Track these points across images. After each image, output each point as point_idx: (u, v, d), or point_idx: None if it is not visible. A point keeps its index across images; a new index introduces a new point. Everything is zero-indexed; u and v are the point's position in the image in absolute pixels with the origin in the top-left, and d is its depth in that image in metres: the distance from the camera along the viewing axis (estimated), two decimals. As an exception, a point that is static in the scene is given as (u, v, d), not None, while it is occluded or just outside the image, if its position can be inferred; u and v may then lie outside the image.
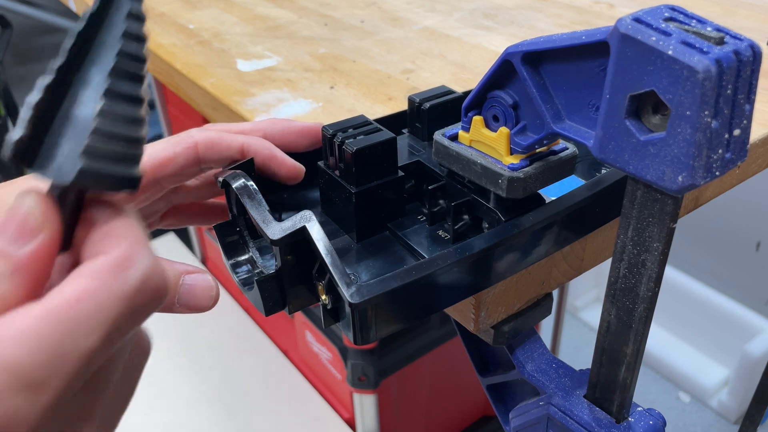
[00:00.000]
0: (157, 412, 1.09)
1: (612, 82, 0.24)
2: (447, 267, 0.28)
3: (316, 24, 0.70)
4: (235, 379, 1.14)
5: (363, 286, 0.27)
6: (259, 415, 1.07)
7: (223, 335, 1.23)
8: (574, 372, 0.37)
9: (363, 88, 0.55)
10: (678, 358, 1.65)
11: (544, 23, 0.67)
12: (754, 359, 1.45)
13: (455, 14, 0.72)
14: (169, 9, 0.77)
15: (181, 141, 0.34)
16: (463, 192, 0.34)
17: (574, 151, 0.33)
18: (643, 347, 0.30)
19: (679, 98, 0.22)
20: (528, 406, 0.38)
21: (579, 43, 0.26)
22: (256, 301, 0.32)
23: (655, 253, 0.27)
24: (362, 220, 0.34)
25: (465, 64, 0.59)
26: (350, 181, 0.33)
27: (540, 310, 0.39)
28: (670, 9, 0.24)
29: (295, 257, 0.30)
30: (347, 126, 0.34)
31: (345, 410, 1.06)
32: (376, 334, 0.28)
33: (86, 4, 0.82)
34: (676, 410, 1.60)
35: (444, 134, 0.34)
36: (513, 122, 0.31)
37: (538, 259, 0.33)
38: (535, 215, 0.31)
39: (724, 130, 0.22)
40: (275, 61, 0.61)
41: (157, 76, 0.67)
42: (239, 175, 0.33)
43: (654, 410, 0.34)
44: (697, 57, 0.21)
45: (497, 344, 0.38)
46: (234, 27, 0.70)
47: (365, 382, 0.96)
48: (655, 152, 0.23)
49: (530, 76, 0.29)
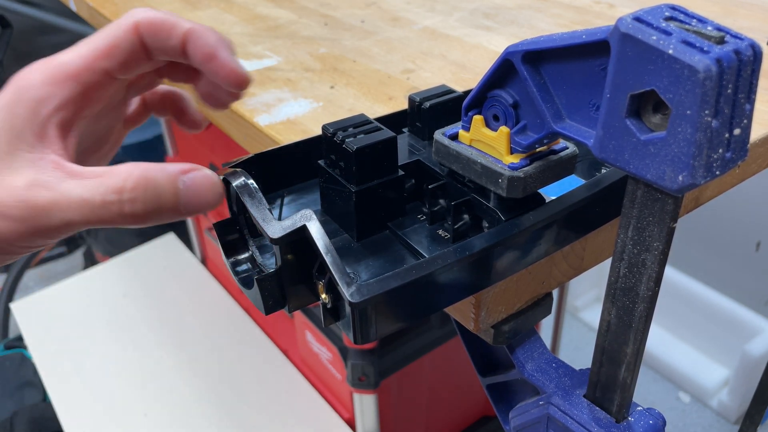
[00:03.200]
0: (157, 412, 1.09)
1: (612, 82, 0.24)
2: (447, 266, 0.28)
3: (316, 24, 0.70)
4: (235, 379, 1.14)
5: (363, 286, 0.27)
6: (259, 415, 1.07)
7: (223, 335, 1.23)
8: (574, 372, 0.37)
9: (363, 87, 0.55)
10: (678, 358, 1.65)
11: (544, 23, 0.67)
12: (754, 359, 1.45)
13: (455, 14, 0.72)
14: (169, 9, 0.77)
15: (120, 24, 0.31)
16: (463, 191, 0.34)
17: (574, 150, 0.33)
18: (643, 347, 0.30)
19: (680, 97, 0.22)
20: (528, 406, 0.38)
21: (579, 43, 0.26)
22: (256, 299, 0.32)
23: (656, 252, 0.27)
24: (362, 219, 0.34)
25: (465, 64, 0.59)
26: (350, 180, 0.33)
27: (540, 310, 0.39)
28: (670, 8, 0.24)
29: (295, 256, 0.30)
30: (347, 125, 0.34)
31: (345, 410, 1.06)
32: (376, 334, 0.28)
33: (86, 4, 0.82)
34: (676, 410, 1.60)
35: (444, 133, 0.34)
36: (513, 121, 0.31)
37: (538, 258, 0.33)
38: (535, 215, 0.31)
39: (724, 129, 0.22)
40: (275, 61, 0.61)
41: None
42: (239, 173, 0.33)
43: (654, 410, 0.34)
44: (697, 56, 0.21)
45: (497, 344, 0.38)
46: (234, 27, 0.70)
47: (365, 382, 0.96)
48: (655, 152, 0.23)
49: (530, 75, 0.29)
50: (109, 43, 0.30)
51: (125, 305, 1.32)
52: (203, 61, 0.31)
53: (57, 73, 0.29)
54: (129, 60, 0.31)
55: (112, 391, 1.13)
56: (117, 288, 1.36)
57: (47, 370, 1.18)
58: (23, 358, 1.33)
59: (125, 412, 1.09)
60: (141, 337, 1.24)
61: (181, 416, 1.08)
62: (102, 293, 1.35)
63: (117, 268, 1.42)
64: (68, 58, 0.30)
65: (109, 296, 1.34)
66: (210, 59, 0.31)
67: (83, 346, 1.23)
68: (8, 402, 1.25)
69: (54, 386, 1.15)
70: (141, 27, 0.30)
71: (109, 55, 0.30)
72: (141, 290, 1.35)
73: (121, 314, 1.29)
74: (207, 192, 0.29)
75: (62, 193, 0.27)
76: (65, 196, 0.27)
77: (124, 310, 1.30)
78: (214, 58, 0.31)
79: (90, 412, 1.09)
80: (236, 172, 0.33)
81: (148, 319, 1.27)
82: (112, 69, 0.31)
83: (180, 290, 1.35)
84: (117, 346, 1.22)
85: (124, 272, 1.41)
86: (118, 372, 1.17)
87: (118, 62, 0.31)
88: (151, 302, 1.32)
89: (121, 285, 1.37)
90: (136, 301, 1.32)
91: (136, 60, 0.31)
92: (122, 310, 1.30)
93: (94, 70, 0.30)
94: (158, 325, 1.26)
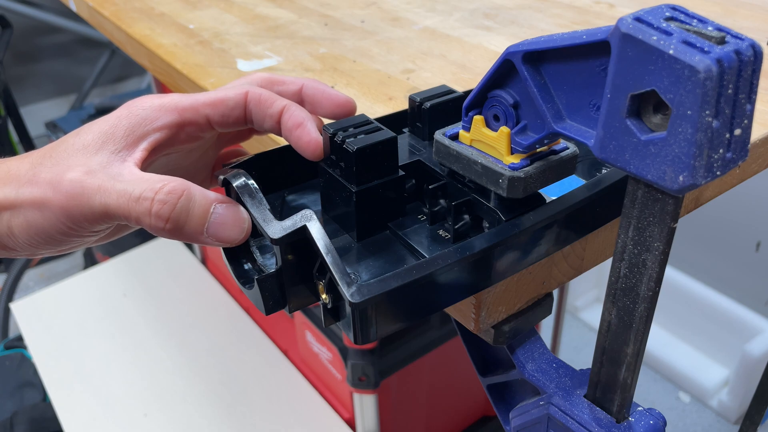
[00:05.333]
0: (157, 412, 1.09)
1: (613, 82, 0.24)
2: (447, 266, 0.28)
3: (316, 24, 0.70)
4: (235, 379, 1.14)
5: (363, 286, 0.27)
6: (259, 414, 1.07)
7: (223, 335, 1.23)
8: (574, 372, 0.37)
9: (363, 87, 0.55)
10: (678, 358, 1.65)
11: (544, 23, 0.67)
12: (754, 359, 1.45)
13: (455, 14, 0.72)
14: (169, 9, 0.77)
15: (235, 86, 0.36)
16: (463, 191, 0.34)
17: (574, 150, 0.33)
18: (643, 347, 0.30)
19: (680, 98, 0.22)
20: (528, 406, 0.38)
21: (580, 43, 0.26)
22: (256, 300, 0.32)
23: (656, 252, 0.27)
24: (363, 219, 0.34)
25: (465, 64, 0.59)
26: (351, 180, 0.33)
27: (540, 310, 0.39)
28: (671, 8, 0.24)
29: (295, 256, 0.30)
30: (348, 125, 0.34)
31: (345, 410, 1.06)
32: (377, 334, 0.28)
33: (86, 4, 0.82)
34: (676, 410, 1.60)
35: (444, 134, 0.34)
36: (514, 122, 0.31)
37: (538, 258, 0.33)
38: (535, 215, 0.31)
39: (725, 129, 0.22)
40: (275, 61, 0.61)
41: (157, 76, 0.67)
42: (240, 174, 0.33)
43: (654, 410, 0.34)
44: (698, 56, 0.21)
45: (497, 344, 0.38)
46: (234, 27, 0.70)
47: (365, 382, 0.96)
48: (656, 152, 0.23)
49: (531, 75, 0.29)
50: (219, 97, 0.35)
51: (125, 305, 1.32)
52: (292, 128, 0.35)
53: (167, 102, 0.34)
54: (229, 116, 0.35)
55: (112, 391, 1.13)
56: (117, 288, 1.36)
57: (47, 370, 1.18)
58: (23, 358, 1.33)
59: (125, 412, 1.09)
60: (141, 337, 1.23)
61: (181, 416, 1.08)
62: (102, 293, 1.35)
63: (117, 268, 1.42)
64: (181, 97, 0.35)
65: (109, 296, 1.34)
66: (297, 127, 0.35)
67: (83, 346, 1.23)
68: (8, 402, 1.25)
69: (54, 386, 1.15)
70: (250, 95, 0.35)
71: (214, 106, 0.34)
72: (141, 290, 1.35)
73: (121, 314, 1.29)
74: (234, 226, 0.32)
75: (111, 182, 0.31)
76: (112, 184, 0.31)
77: (124, 310, 1.30)
78: (299, 128, 0.35)
79: (90, 412, 1.09)
80: (237, 173, 0.33)
81: (148, 319, 1.27)
82: (213, 118, 0.35)
83: (180, 290, 1.35)
84: (117, 346, 1.22)
85: (124, 272, 1.41)
86: (117, 372, 1.17)
87: (219, 114, 0.35)
88: (151, 302, 1.32)
89: (121, 285, 1.37)
90: (136, 301, 1.32)
91: (235, 118, 0.35)
92: (122, 310, 1.30)
93: (198, 112, 0.34)
94: (158, 325, 1.26)
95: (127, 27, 0.71)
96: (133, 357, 1.19)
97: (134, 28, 0.71)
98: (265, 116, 0.35)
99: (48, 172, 0.32)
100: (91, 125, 0.33)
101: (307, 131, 0.34)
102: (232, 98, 0.35)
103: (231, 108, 0.35)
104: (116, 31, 0.74)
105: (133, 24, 0.72)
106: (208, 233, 0.31)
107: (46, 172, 0.32)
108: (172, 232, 0.31)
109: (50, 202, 0.31)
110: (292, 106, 0.35)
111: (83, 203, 0.31)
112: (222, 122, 0.35)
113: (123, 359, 1.19)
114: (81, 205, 0.31)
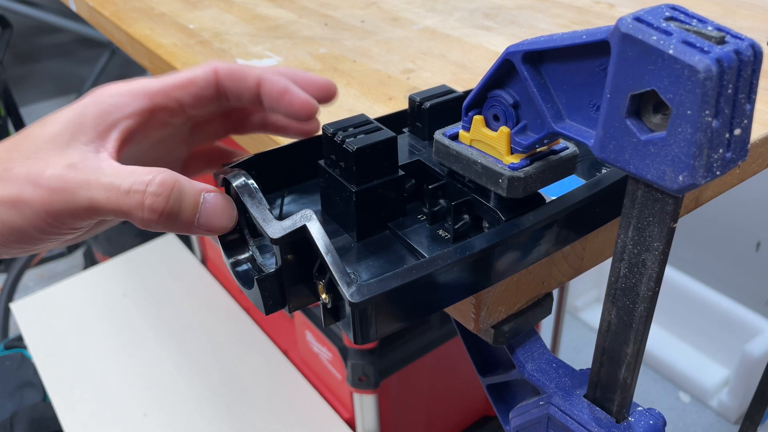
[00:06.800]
0: (157, 412, 1.09)
1: (613, 82, 0.24)
2: (447, 266, 0.28)
3: (316, 24, 0.70)
4: (235, 379, 1.14)
5: (363, 286, 0.27)
6: (259, 414, 1.07)
7: (223, 335, 1.23)
8: (574, 372, 0.37)
9: (363, 87, 0.55)
10: (678, 358, 1.65)
11: (544, 23, 0.67)
12: (754, 359, 1.45)
13: (455, 14, 0.72)
14: (169, 9, 0.77)
15: (202, 66, 0.35)
16: (463, 191, 0.34)
17: (574, 150, 0.33)
18: (643, 347, 0.30)
19: (680, 98, 0.22)
20: (528, 406, 0.38)
21: (580, 43, 0.26)
22: (256, 299, 0.32)
23: (656, 252, 0.27)
24: (362, 219, 0.34)
25: (465, 64, 0.59)
26: (350, 180, 0.33)
27: (540, 310, 0.39)
28: (670, 8, 0.24)
29: (295, 256, 0.30)
30: (348, 125, 0.34)
31: (345, 410, 1.06)
32: (377, 334, 0.28)
33: (86, 4, 0.82)
34: (676, 410, 1.60)
35: (444, 133, 0.34)
36: (513, 122, 0.31)
37: (538, 258, 0.33)
38: (535, 215, 0.31)
39: (724, 129, 0.22)
40: (275, 61, 0.61)
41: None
42: (240, 173, 0.33)
43: (654, 410, 0.34)
44: (698, 56, 0.21)
45: (497, 344, 0.38)
46: (234, 27, 0.70)
47: (365, 382, 0.96)
48: (655, 152, 0.23)
49: (531, 75, 0.29)
50: (187, 77, 0.34)
51: (125, 305, 1.32)
52: (277, 96, 0.34)
53: (135, 88, 0.33)
54: (201, 96, 0.34)
55: (112, 391, 1.13)
56: (117, 288, 1.36)
57: (47, 370, 1.18)
58: (23, 358, 1.33)
59: (125, 412, 1.09)
60: (141, 337, 1.23)
61: (181, 416, 1.08)
62: (102, 293, 1.35)
63: (117, 268, 1.42)
64: (149, 81, 0.33)
65: (109, 296, 1.34)
66: (283, 94, 0.34)
67: (83, 346, 1.23)
68: (8, 402, 1.25)
69: (54, 386, 1.15)
70: (220, 71, 0.34)
71: (185, 88, 0.34)
72: (141, 290, 1.35)
73: (121, 314, 1.29)
74: (224, 214, 0.31)
75: (95, 175, 0.30)
76: (97, 178, 0.30)
77: (124, 310, 1.30)
78: (286, 93, 0.34)
79: (90, 412, 1.09)
80: (236, 172, 0.33)
81: (148, 319, 1.27)
82: (185, 100, 0.34)
83: (180, 290, 1.35)
84: (117, 346, 1.22)
85: (124, 272, 1.41)
86: (117, 372, 1.17)
87: (191, 95, 0.34)
88: (151, 302, 1.32)
89: (121, 285, 1.37)
90: (136, 301, 1.32)
91: (207, 98, 0.34)
92: (122, 310, 1.30)
93: (169, 95, 0.33)
94: (158, 325, 1.26)
95: (127, 27, 0.71)
96: (133, 357, 1.19)
97: (134, 28, 0.71)
98: (242, 90, 0.34)
99: (21, 167, 0.30)
100: (55, 114, 0.32)
101: (296, 95, 0.34)
102: (201, 77, 0.34)
103: (202, 88, 0.34)
104: (116, 31, 0.74)
105: (133, 24, 0.72)
106: (199, 223, 0.30)
107: (20, 168, 0.30)
108: (164, 224, 0.30)
109: (29, 199, 0.30)
110: (269, 74, 0.34)
111: (67, 199, 0.30)
112: (194, 104, 0.34)
113: (123, 359, 1.19)
114: (65, 200, 0.30)
